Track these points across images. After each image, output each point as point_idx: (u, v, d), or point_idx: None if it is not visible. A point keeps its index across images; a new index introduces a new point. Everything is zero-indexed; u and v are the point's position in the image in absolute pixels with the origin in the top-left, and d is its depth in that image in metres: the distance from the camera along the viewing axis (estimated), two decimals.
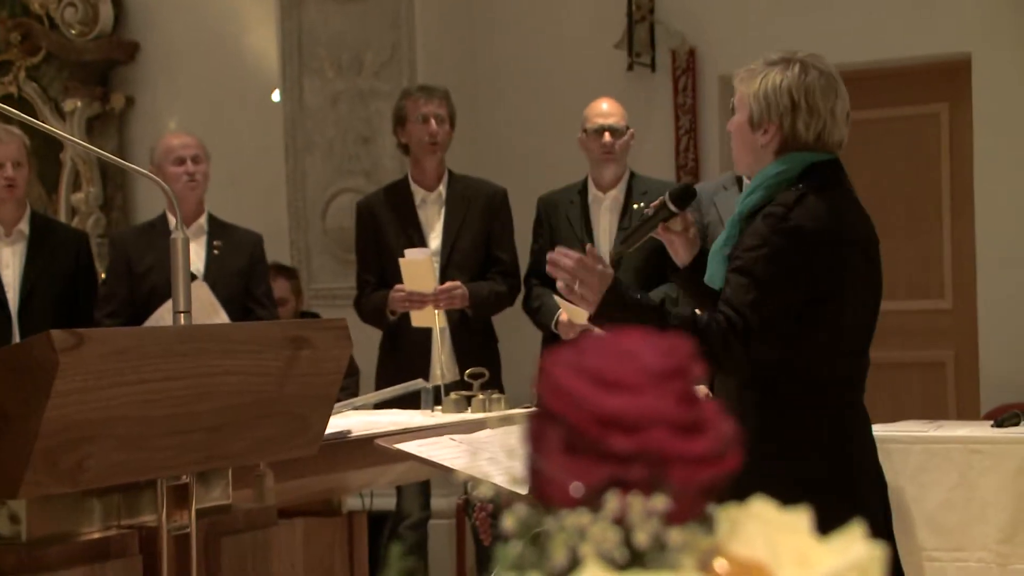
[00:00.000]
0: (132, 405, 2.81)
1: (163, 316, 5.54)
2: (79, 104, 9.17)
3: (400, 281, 6.43)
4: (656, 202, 4.23)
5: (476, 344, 6.68)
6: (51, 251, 6.58)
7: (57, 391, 2.63)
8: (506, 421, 5.15)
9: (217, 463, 3.13)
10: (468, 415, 5.40)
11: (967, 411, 7.62)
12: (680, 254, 4.17)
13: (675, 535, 0.92)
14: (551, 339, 6.65)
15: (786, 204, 3.73)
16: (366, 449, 4.50)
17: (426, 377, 6.03)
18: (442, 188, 6.88)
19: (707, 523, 0.98)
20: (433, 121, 6.73)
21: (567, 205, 6.74)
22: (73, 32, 9.19)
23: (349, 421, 4.91)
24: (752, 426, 3.74)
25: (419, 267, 6.35)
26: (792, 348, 3.78)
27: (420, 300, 6.39)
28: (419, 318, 6.39)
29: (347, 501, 6.31)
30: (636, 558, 0.92)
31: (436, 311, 6.35)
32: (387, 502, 6.79)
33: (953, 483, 6.39)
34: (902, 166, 7.93)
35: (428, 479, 6.40)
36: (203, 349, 3.05)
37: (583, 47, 8.21)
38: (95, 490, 2.94)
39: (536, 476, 0.96)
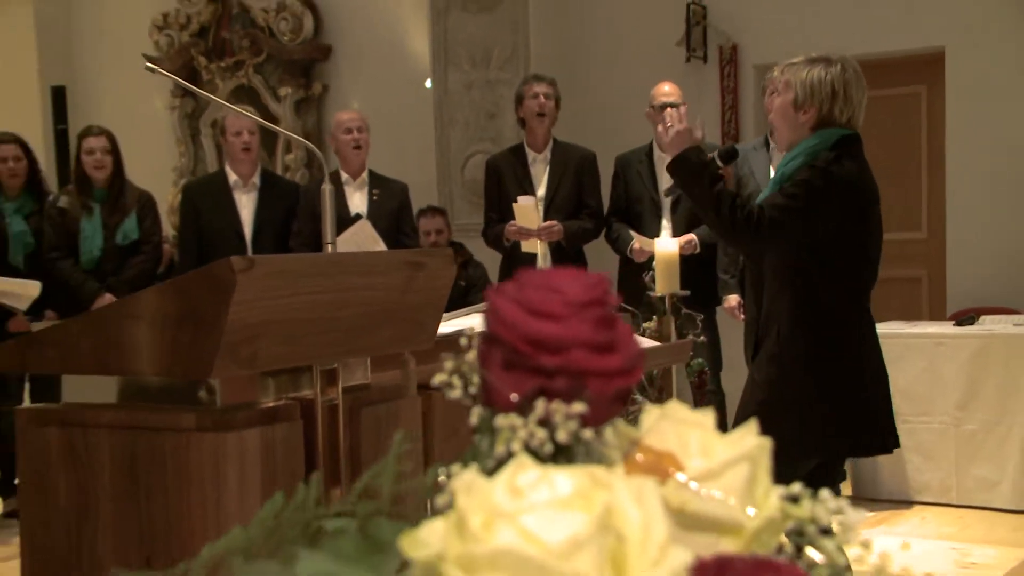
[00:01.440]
0: (291, 311, 2.80)
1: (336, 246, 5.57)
2: (290, 91, 9.24)
3: (514, 219, 6.53)
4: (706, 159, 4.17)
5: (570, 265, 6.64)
6: (275, 198, 6.69)
7: (235, 300, 2.63)
8: None
9: (356, 354, 3.11)
10: None
11: (936, 315, 7.59)
12: None
13: (588, 433, 0.86)
14: (626, 262, 6.64)
15: (827, 161, 3.70)
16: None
17: None
18: (548, 151, 6.87)
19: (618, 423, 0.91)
20: (542, 96, 6.72)
21: (637, 163, 6.74)
22: (285, 38, 9.23)
23: (475, 321, 4.91)
24: (794, 336, 3.77)
25: (527, 210, 6.47)
26: (832, 270, 3.77)
27: (527, 234, 6.48)
28: (527, 246, 6.50)
29: None
30: (559, 452, 0.86)
31: (539, 241, 6.40)
32: None
33: (922, 367, 6.52)
34: (891, 132, 7.86)
35: None
36: (343, 271, 3.03)
37: (652, 45, 8.13)
38: (268, 371, 2.94)
39: (484, 386, 0.90)
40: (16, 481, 3.88)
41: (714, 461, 0.90)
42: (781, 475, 3.28)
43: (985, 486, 6.24)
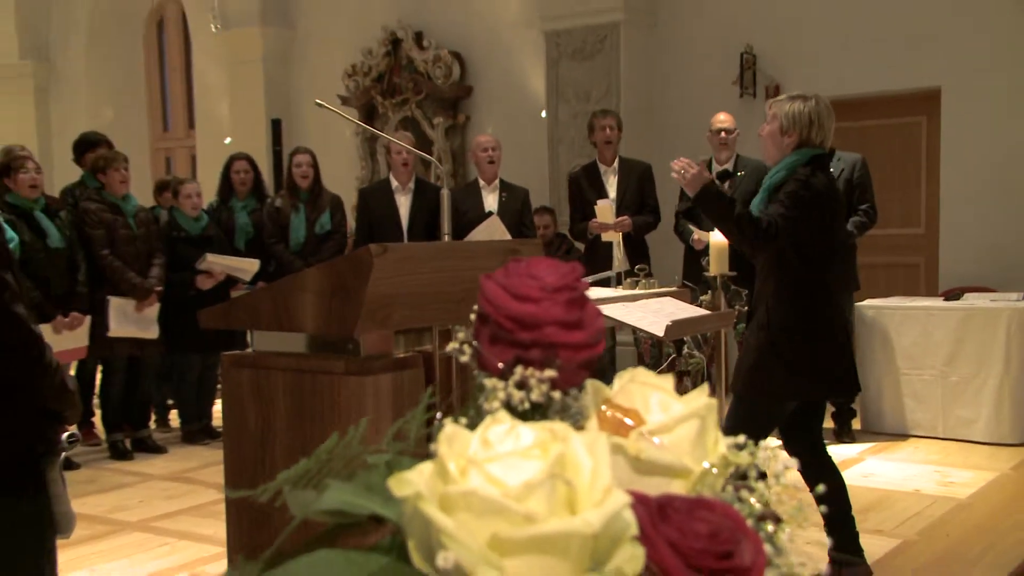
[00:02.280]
0: (416, 285, 2.77)
1: (472, 236, 5.51)
2: (441, 120, 9.21)
3: (593, 217, 6.43)
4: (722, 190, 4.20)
5: (637, 250, 6.56)
6: (425, 199, 6.61)
7: (374, 278, 2.62)
8: (655, 295, 5.00)
9: (465, 319, 3.05)
10: (635, 291, 5.29)
11: (930, 292, 7.35)
12: None
13: (556, 394, 0.78)
14: (689, 250, 6.52)
15: (806, 176, 3.60)
16: None
17: (611, 268, 6.07)
18: (615, 165, 6.76)
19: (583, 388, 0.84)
20: (608, 129, 6.61)
21: None
22: (439, 81, 9.21)
23: None
24: (779, 309, 3.68)
25: (605, 209, 6.37)
26: (808, 258, 3.65)
27: (606, 227, 6.38)
28: (606, 237, 6.42)
29: None
30: (536, 409, 0.79)
31: (615, 233, 6.32)
32: None
33: (918, 332, 6.35)
34: (898, 152, 7.69)
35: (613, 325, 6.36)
36: (454, 256, 2.99)
37: (713, 83, 7.96)
38: (399, 330, 2.91)
39: (478, 355, 0.84)
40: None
41: (669, 417, 0.83)
42: (773, 416, 3.15)
43: (964, 424, 6.12)
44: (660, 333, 4.30)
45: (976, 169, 7.17)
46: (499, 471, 0.68)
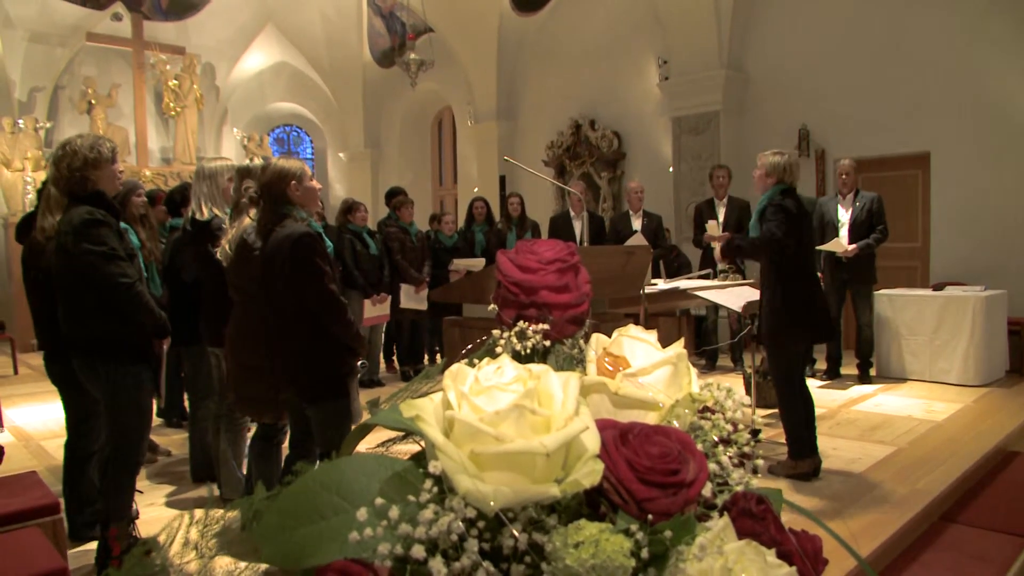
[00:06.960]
0: None
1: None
2: (606, 174, 8.90)
3: (707, 233, 5.83)
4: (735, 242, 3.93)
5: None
6: (593, 224, 6.26)
7: None
8: (739, 285, 4.61)
9: (600, 296, 2.87)
10: (726, 282, 4.89)
11: (923, 284, 6.62)
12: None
13: (547, 342, 0.63)
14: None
15: (780, 199, 3.42)
16: (684, 293, 4.09)
17: (715, 269, 5.62)
18: (725, 200, 6.16)
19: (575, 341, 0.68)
20: (721, 178, 6.05)
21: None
22: (604, 149, 8.90)
23: (680, 283, 4.52)
24: (774, 289, 3.32)
25: (713, 226, 5.69)
26: (790, 255, 3.41)
27: (713, 239, 5.77)
28: (713, 244, 5.82)
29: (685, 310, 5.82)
30: (535, 352, 0.64)
31: (718, 242, 5.81)
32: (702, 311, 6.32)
33: (915, 310, 5.77)
34: (902, 194, 6.82)
35: (714, 304, 5.86)
36: (591, 255, 2.80)
37: (785, 147, 7.24)
38: None
39: (497, 314, 0.69)
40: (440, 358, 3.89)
41: (648, 363, 0.66)
42: (789, 358, 2.76)
43: (943, 372, 5.60)
44: (738, 309, 3.96)
45: (953, 205, 6.51)
46: (482, 401, 0.54)
